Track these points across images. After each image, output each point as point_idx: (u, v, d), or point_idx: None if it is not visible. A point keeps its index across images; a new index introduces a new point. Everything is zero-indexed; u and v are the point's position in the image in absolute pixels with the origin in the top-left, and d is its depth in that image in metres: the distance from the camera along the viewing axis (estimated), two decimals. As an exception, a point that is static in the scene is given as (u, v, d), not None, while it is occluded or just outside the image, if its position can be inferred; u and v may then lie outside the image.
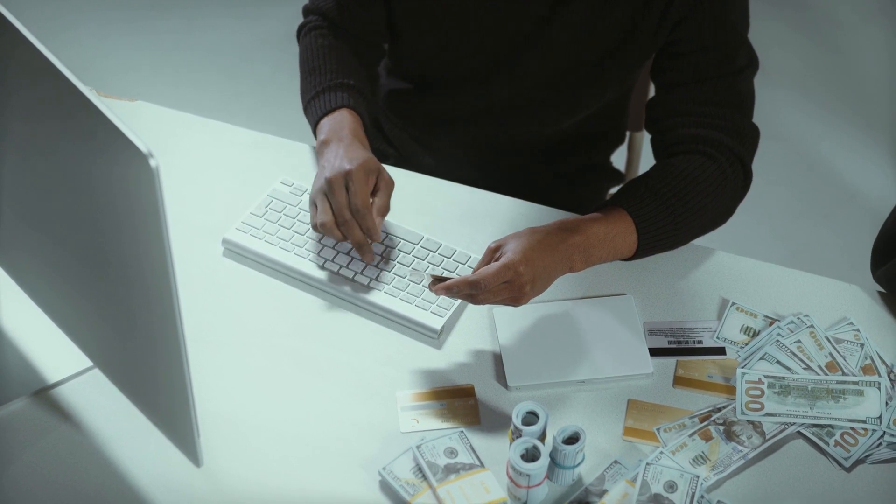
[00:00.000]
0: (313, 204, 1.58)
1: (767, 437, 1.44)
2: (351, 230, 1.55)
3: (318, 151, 1.62)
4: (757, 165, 1.68)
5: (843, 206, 2.92)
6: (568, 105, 1.77)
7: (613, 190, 2.02)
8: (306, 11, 1.81)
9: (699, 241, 1.65)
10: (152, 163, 1.05)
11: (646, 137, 1.92)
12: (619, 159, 2.04)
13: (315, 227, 1.56)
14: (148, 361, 1.27)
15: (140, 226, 1.11)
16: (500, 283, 1.45)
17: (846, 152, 3.03)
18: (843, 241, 2.85)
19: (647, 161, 1.87)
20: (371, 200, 1.56)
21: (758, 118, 1.68)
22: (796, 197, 2.94)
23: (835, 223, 2.88)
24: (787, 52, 3.24)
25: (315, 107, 1.68)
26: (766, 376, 1.48)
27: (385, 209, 1.57)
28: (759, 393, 1.47)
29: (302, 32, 1.79)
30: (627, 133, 2.03)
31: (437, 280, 1.48)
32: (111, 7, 3.35)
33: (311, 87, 1.70)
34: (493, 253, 1.49)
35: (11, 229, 1.39)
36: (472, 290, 1.44)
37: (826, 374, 1.49)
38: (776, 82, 3.12)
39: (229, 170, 1.73)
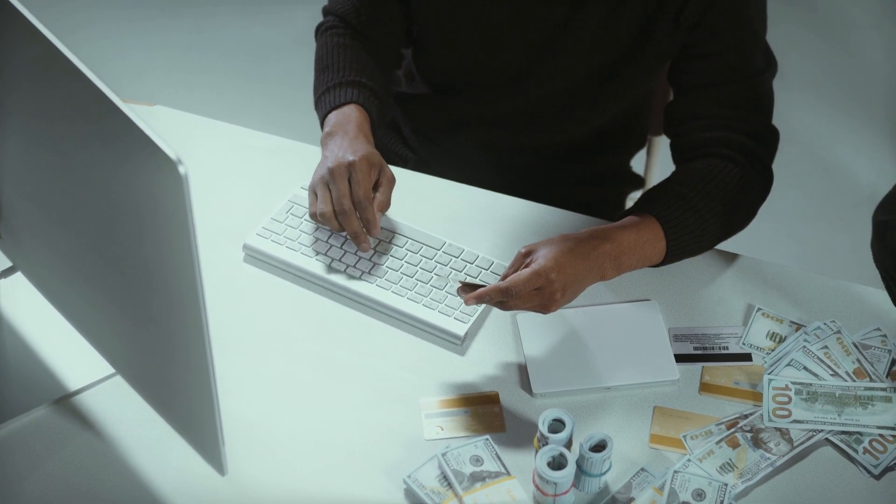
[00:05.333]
0: (313, 193, 1.57)
1: (795, 444, 1.43)
2: (349, 221, 1.54)
3: (322, 143, 1.62)
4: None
5: (859, 208, 2.90)
6: (587, 109, 1.76)
7: (634, 194, 2.00)
8: (325, 12, 1.81)
9: (723, 246, 1.64)
10: (181, 169, 1.04)
11: (664, 141, 1.90)
12: (637, 164, 2.02)
13: (313, 216, 1.56)
14: (173, 368, 1.25)
15: (168, 232, 1.10)
16: (531, 289, 1.43)
17: (860, 154, 3.02)
18: (859, 243, 2.82)
19: (665, 165, 1.86)
20: (372, 195, 1.56)
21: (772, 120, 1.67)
22: (811, 200, 2.93)
23: (851, 226, 2.86)
24: (799, 54, 3.22)
25: (324, 101, 1.68)
26: (793, 383, 1.47)
27: (386, 205, 1.57)
28: (786, 399, 1.46)
29: (319, 31, 1.79)
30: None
31: (466, 287, 1.46)
32: (120, 7, 3.34)
33: (323, 83, 1.70)
34: (523, 258, 1.47)
35: (33, 234, 1.38)
36: (503, 298, 1.43)
37: (854, 381, 1.48)
38: (788, 84, 3.10)
39: (249, 174, 1.72)
